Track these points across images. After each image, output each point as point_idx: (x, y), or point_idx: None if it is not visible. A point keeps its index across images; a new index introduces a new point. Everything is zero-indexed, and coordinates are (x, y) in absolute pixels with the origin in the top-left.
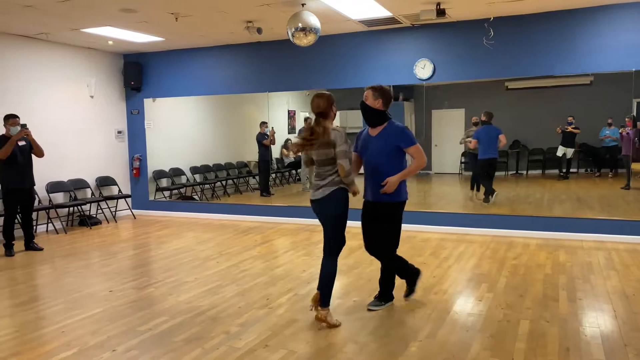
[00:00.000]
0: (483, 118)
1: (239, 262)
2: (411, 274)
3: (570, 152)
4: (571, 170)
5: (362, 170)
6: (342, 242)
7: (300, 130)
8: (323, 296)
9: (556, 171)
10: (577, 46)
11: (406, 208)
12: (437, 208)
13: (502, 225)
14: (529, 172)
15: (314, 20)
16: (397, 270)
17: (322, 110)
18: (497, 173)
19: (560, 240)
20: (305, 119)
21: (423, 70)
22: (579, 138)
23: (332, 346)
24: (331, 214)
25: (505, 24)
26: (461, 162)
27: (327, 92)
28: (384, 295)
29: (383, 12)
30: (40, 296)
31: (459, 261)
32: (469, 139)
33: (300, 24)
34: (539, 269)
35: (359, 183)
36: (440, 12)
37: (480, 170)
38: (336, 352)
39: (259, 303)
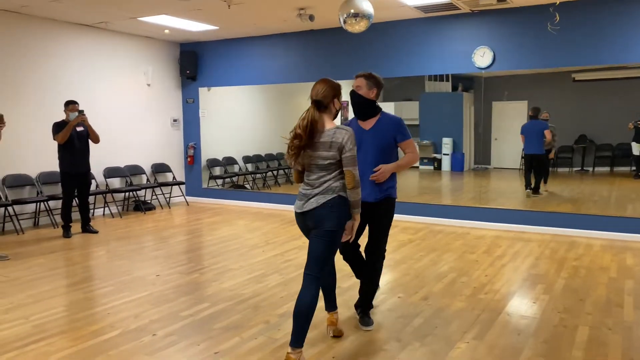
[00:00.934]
0: (530, 113)
1: (285, 252)
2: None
3: None
4: None
5: None
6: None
7: None
8: (297, 333)
9: (626, 169)
10: None
11: (461, 203)
12: (494, 204)
13: (564, 224)
14: (596, 168)
15: (366, 6)
16: (379, 271)
17: (321, 98)
18: (560, 169)
19: (628, 242)
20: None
21: (482, 58)
22: None
23: (373, 343)
24: (326, 229)
25: (572, 9)
26: (522, 157)
27: (333, 80)
28: (368, 305)
29: None
30: (92, 277)
31: (514, 260)
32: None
33: (352, 10)
34: (603, 271)
35: None
36: None
37: (525, 165)
38: (377, 349)
39: None
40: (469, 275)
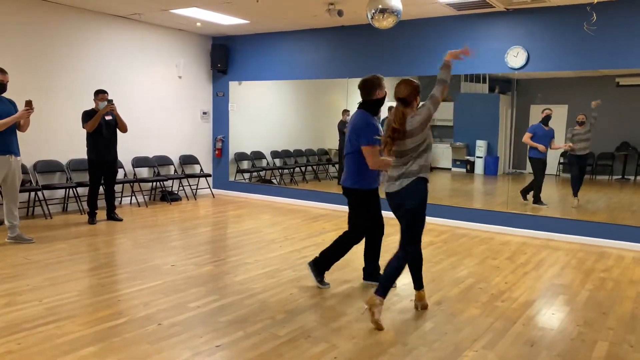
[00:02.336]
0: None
1: (302, 248)
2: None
3: None
4: None
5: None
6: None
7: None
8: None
9: None
10: None
11: (489, 207)
12: (523, 209)
13: (595, 234)
14: (637, 177)
15: (395, 2)
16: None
17: (406, 97)
18: (599, 177)
19: None
20: (389, 108)
21: (515, 58)
22: None
23: (378, 345)
24: (407, 207)
25: (612, 9)
26: (559, 163)
27: (413, 80)
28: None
29: None
30: (109, 264)
31: (537, 268)
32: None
33: (380, 5)
34: (632, 285)
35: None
36: None
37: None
38: (381, 353)
39: (311, 292)
40: (488, 282)
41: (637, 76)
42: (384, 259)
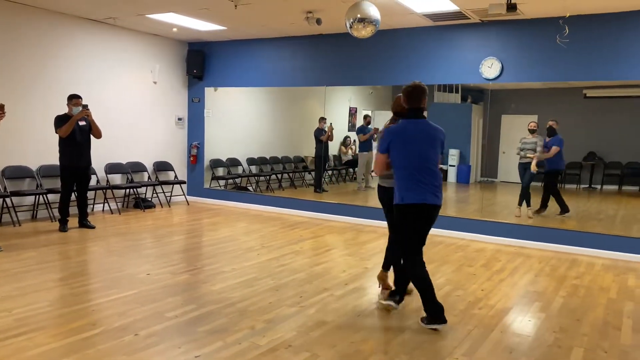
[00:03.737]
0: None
1: (280, 256)
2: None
3: None
4: None
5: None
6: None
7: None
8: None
9: (635, 188)
10: None
11: (463, 215)
12: (497, 218)
13: (567, 241)
14: (604, 186)
15: (373, 12)
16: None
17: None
18: (568, 186)
19: (632, 262)
20: (365, 117)
21: (490, 69)
22: None
23: (358, 354)
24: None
25: (584, 23)
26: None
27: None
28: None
29: (450, 6)
30: (82, 273)
31: (512, 275)
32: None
33: (359, 15)
34: (602, 292)
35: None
36: (511, 7)
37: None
38: None
39: (291, 300)
40: (465, 289)
41: (604, 88)
42: None
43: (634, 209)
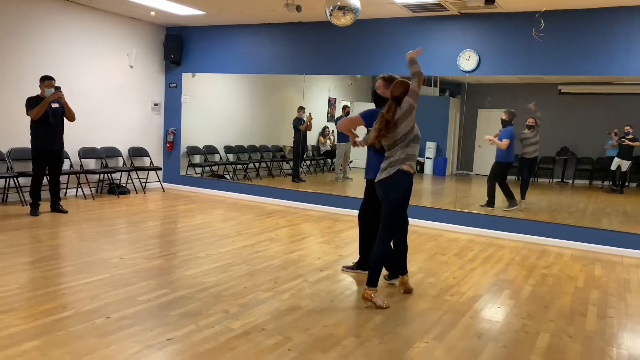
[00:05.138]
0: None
1: (255, 243)
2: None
3: (626, 164)
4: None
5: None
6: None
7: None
8: (370, 275)
9: (605, 182)
10: (638, 47)
11: (437, 206)
12: (471, 209)
13: (537, 232)
14: (576, 181)
15: (353, 0)
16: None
17: (399, 94)
18: (541, 180)
19: (599, 253)
20: (344, 107)
21: (467, 61)
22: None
23: (331, 337)
24: (388, 198)
25: (560, 18)
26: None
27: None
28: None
29: None
30: (53, 257)
31: (484, 265)
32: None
33: (338, 3)
34: (570, 281)
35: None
36: (489, 1)
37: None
38: (334, 344)
39: (266, 286)
40: (437, 277)
41: (578, 84)
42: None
43: (602, 203)
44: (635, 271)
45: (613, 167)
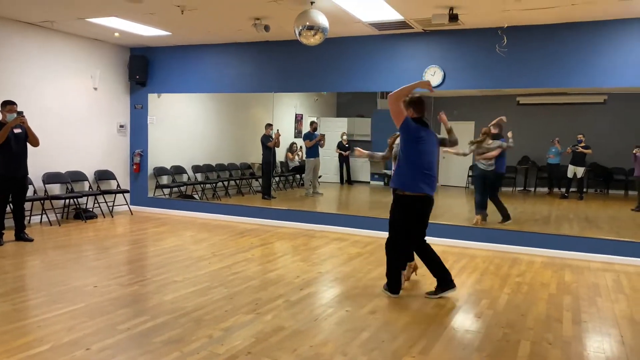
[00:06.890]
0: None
1: (232, 264)
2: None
3: (580, 171)
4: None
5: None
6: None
7: (306, 135)
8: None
9: (563, 189)
10: (593, 60)
11: None
12: (440, 220)
13: (507, 241)
14: (537, 189)
15: (322, 20)
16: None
17: None
18: (504, 189)
19: (567, 259)
20: (311, 123)
21: (432, 77)
22: (589, 157)
23: (319, 356)
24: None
25: (520, 33)
26: (468, 176)
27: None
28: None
29: (394, 16)
30: (23, 287)
31: (459, 275)
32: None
33: (307, 22)
34: (543, 287)
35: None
36: (453, 18)
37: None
38: None
39: (247, 307)
40: (417, 290)
41: (535, 96)
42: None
43: (564, 210)
44: (602, 275)
45: (569, 175)
